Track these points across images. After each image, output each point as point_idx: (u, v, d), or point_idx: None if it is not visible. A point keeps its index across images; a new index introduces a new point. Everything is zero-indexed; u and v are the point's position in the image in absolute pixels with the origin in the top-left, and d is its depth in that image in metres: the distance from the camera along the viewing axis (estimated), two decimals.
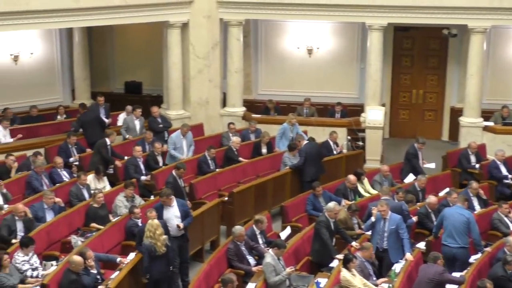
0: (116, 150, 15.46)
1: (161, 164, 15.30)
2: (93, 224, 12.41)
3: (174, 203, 11.60)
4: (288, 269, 10.31)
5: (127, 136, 16.62)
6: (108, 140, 15.09)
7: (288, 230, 12.57)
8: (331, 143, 16.36)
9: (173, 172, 13.32)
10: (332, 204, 11.68)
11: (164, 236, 10.51)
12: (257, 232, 11.68)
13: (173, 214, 11.47)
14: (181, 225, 11.42)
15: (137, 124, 16.82)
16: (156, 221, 10.55)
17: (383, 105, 18.74)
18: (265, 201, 14.53)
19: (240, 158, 15.82)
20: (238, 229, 11.30)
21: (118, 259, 10.92)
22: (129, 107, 17.52)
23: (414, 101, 20.24)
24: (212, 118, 18.77)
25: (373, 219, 11.57)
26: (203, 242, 12.92)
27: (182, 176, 13.46)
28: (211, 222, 13.13)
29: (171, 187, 12.85)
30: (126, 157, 15.20)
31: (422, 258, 11.48)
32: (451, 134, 19.62)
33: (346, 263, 10.33)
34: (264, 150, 16.37)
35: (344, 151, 16.65)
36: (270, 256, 10.36)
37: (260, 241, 11.63)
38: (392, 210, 11.57)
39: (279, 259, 10.42)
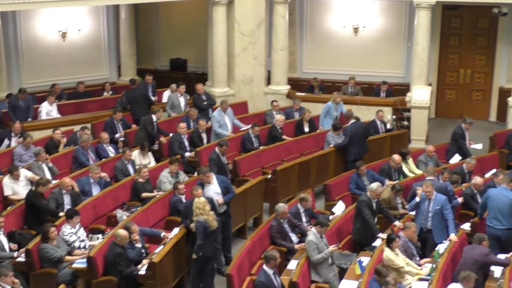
0: (161, 127, 15.60)
1: (205, 141, 15.38)
2: (144, 194, 12.59)
3: (214, 180, 11.69)
4: (331, 247, 10.32)
5: (172, 113, 16.74)
6: (154, 117, 15.23)
7: (341, 205, 12.58)
8: (378, 122, 16.26)
9: (216, 149, 13.39)
10: (374, 185, 11.63)
11: (212, 212, 10.59)
12: (301, 210, 11.70)
13: (213, 191, 11.56)
14: (221, 201, 11.51)
15: (182, 101, 16.93)
16: (203, 198, 10.62)
17: (430, 84, 18.51)
18: (308, 180, 14.53)
19: (284, 136, 15.81)
20: (281, 206, 11.34)
21: (163, 234, 11.06)
22: (173, 86, 17.63)
23: (461, 81, 19.95)
24: (256, 96, 18.77)
25: (417, 199, 11.49)
26: (246, 219, 12.99)
27: (225, 153, 13.53)
28: (254, 199, 13.19)
29: (214, 164, 12.94)
30: (171, 134, 15.33)
31: (467, 239, 11.36)
32: (498, 114, 19.32)
33: (389, 242, 10.29)
34: (306, 128, 16.33)
35: (388, 126, 16.50)
36: (313, 234, 10.38)
37: (304, 219, 11.65)
38: (437, 191, 11.46)
39: (322, 237, 10.43)
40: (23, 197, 11.95)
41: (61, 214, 11.49)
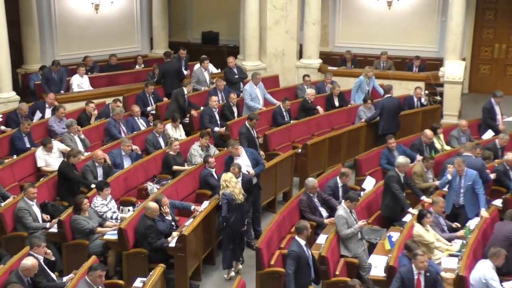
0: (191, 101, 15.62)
1: (236, 115, 15.38)
2: (175, 167, 12.66)
3: (243, 153, 11.72)
4: (360, 222, 10.28)
5: (200, 87, 16.69)
6: (185, 90, 15.25)
7: (370, 180, 12.54)
8: (414, 99, 16.07)
9: (246, 123, 13.38)
10: (402, 159, 11.53)
11: (239, 185, 10.60)
12: (340, 184, 11.67)
13: (243, 163, 11.56)
14: (252, 172, 11.53)
15: (207, 76, 16.87)
16: (229, 173, 10.65)
17: (463, 59, 18.25)
18: (339, 154, 14.49)
19: (318, 107, 15.67)
20: (311, 181, 11.31)
21: (193, 207, 11.12)
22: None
23: (496, 56, 19.65)
24: (288, 70, 18.68)
25: (449, 177, 11.37)
26: (275, 193, 13.00)
27: (255, 127, 13.51)
28: (284, 173, 13.18)
29: (244, 138, 12.93)
30: (201, 108, 15.34)
31: (498, 215, 11.25)
32: None
33: (420, 218, 10.24)
34: (336, 103, 16.24)
35: (424, 102, 16.29)
36: (342, 208, 10.35)
37: (341, 195, 11.59)
38: (471, 167, 11.35)
39: (351, 212, 10.39)
40: (55, 169, 12.07)
41: (93, 186, 11.60)
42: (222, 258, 10.76)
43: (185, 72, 17.39)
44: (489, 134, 14.68)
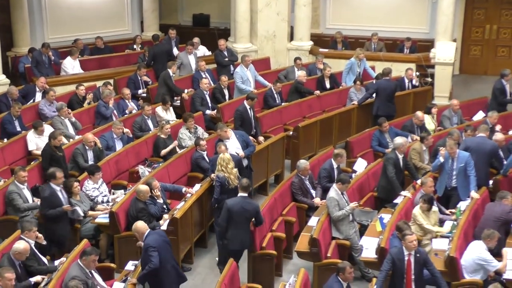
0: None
1: (227, 97, 15.33)
2: (163, 151, 12.61)
3: (232, 135, 11.72)
4: (352, 204, 10.26)
5: (184, 73, 16.53)
6: (170, 71, 15.15)
7: (361, 162, 12.52)
8: (406, 80, 16.01)
9: (245, 102, 13.30)
10: (401, 140, 11.48)
11: (236, 169, 10.58)
12: (335, 166, 11.62)
13: (233, 146, 11.57)
14: (242, 154, 11.52)
15: (192, 59, 16.66)
16: (227, 155, 10.61)
17: (454, 40, 18.21)
18: (330, 137, 14.47)
19: (317, 92, 15.55)
20: (302, 163, 11.30)
21: (184, 189, 11.08)
22: (194, 41, 17.48)
23: (487, 37, 19.61)
24: (279, 52, 18.61)
25: (441, 159, 11.36)
26: (267, 176, 12.99)
27: (254, 106, 13.46)
28: (275, 155, 13.17)
29: (239, 115, 12.91)
30: (186, 90, 15.21)
31: (489, 196, 11.27)
32: None
33: (427, 203, 10.18)
34: (327, 85, 16.16)
35: (416, 83, 16.24)
36: (334, 191, 10.32)
37: (336, 175, 11.47)
38: (485, 148, 11.43)
39: (343, 194, 10.38)
40: None
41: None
42: (217, 240, 10.69)
43: (176, 53, 17.26)
44: (479, 115, 14.69)
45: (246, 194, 9.82)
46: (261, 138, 12.74)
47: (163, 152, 12.62)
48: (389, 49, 18.88)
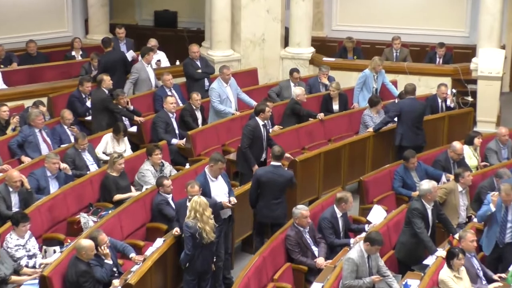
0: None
1: (200, 121, 15.35)
2: (117, 196, 12.56)
3: (219, 177, 11.69)
4: (373, 277, 10.25)
5: (135, 91, 16.53)
6: (104, 90, 15.11)
7: (379, 210, 12.49)
8: (438, 100, 16.04)
9: (256, 117, 13.42)
10: (428, 185, 11.37)
11: (212, 221, 10.51)
12: (339, 214, 11.58)
13: (220, 189, 11.55)
14: (234, 200, 11.52)
15: (151, 73, 16.67)
16: (203, 199, 10.53)
17: (503, 47, 18.35)
18: (338, 175, 14.48)
19: (321, 114, 15.60)
20: (300, 210, 11.21)
21: (131, 255, 10.87)
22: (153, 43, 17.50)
23: None
24: (270, 62, 18.70)
25: (492, 208, 11.34)
26: (253, 227, 12.90)
27: (269, 121, 13.84)
28: None
29: (249, 134, 13.17)
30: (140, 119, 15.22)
31: None
32: None
33: (449, 258, 10.20)
34: (335, 106, 16.21)
35: (452, 104, 16.27)
36: (357, 251, 10.29)
37: (341, 227, 11.51)
38: None
39: (369, 257, 10.32)
40: None
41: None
42: None
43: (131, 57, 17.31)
44: None
45: (279, 163, 11.88)
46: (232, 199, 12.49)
47: (117, 197, 12.54)
48: (415, 58, 19.01)
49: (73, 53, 18.88)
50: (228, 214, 11.61)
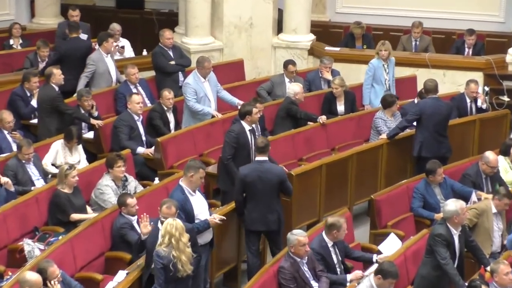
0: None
1: (172, 125, 15.41)
2: (76, 215, 12.54)
3: (197, 191, 11.71)
4: None
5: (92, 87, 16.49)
6: (54, 86, 15.12)
7: (394, 240, 12.49)
8: (467, 100, 16.13)
9: (242, 121, 13.41)
10: (453, 205, 11.33)
11: (190, 249, 10.49)
12: (329, 243, 11.55)
13: (204, 205, 11.62)
14: (216, 220, 11.55)
15: (110, 63, 16.72)
16: (180, 222, 10.49)
17: None
18: (344, 191, 14.50)
19: (322, 117, 15.63)
20: (297, 235, 11.20)
21: None
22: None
23: None
24: (259, 52, 18.77)
25: None
26: (238, 258, 12.95)
27: (258, 124, 13.80)
28: None
29: (232, 140, 13.12)
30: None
31: None
32: None
33: None
34: (340, 107, 16.27)
35: (483, 105, 16.32)
36: (366, 287, 10.37)
37: (335, 259, 11.54)
38: None
39: None
40: None
41: None
42: None
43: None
44: None
45: (265, 158, 12.11)
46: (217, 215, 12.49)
47: (76, 217, 12.52)
48: (439, 48, 19.08)
49: (11, 41, 18.86)
50: (209, 238, 11.62)
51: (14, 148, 14.21)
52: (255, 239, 12.28)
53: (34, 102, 15.48)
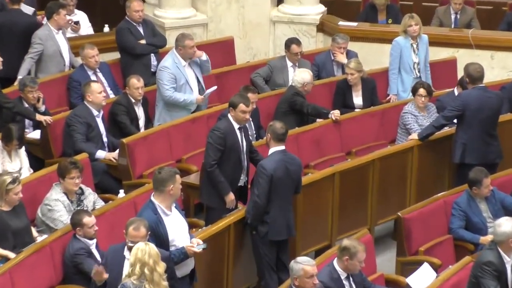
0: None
1: (142, 122, 15.45)
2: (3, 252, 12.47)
3: (173, 209, 11.65)
4: None
5: (39, 74, 16.62)
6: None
7: (427, 271, 12.48)
8: None
9: (229, 114, 13.37)
10: (509, 225, 11.37)
11: (166, 283, 10.45)
12: (343, 276, 11.54)
13: (181, 226, 11.59)
14: (195, 248, 11.44)
15: (63, 41, 16.81)
16: (154, 248, 10.43)
17: None
18: (362, 207, 14.52)
19: (335, 112, 15.67)
20: (303, 263, 11.16)
21: None
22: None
23: None
24: (254, 28, 18.84)
25: None
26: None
27: (245, 118, 13.49)
28: (247, 248, 13.10)
29: (217, 141, 13.02)
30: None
31: None
32: None
33: None
34: (357, 99, 16.33)
35: None
36: None
37: None
38: None
39: None
40: None
41: None
42: None
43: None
44: None
45: (283, 147, 12.52)
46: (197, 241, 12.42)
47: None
48: (485, 24, 19.16)
49: None
50: (190, 268, 11.61)
51: None
52: (274, 251, 12.48)
53: None
